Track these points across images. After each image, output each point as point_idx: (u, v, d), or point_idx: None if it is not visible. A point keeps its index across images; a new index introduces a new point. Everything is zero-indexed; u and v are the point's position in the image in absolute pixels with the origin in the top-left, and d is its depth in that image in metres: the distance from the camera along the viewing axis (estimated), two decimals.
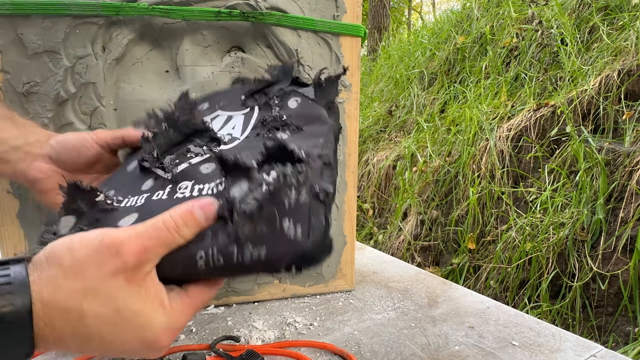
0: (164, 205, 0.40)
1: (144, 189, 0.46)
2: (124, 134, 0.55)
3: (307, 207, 0.38)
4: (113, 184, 0.50)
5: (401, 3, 12.10)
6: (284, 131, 0.49)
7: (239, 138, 0.50)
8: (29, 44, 0.61)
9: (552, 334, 0.67)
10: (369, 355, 0.62)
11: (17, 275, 0.29)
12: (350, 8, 0.73)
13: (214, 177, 0.44)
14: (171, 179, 0.46)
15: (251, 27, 0.69)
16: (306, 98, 0.53)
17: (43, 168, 0.53)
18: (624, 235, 1.35)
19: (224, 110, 0.58)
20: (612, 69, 1.74)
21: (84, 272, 0.31)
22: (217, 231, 0.37)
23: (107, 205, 0.42)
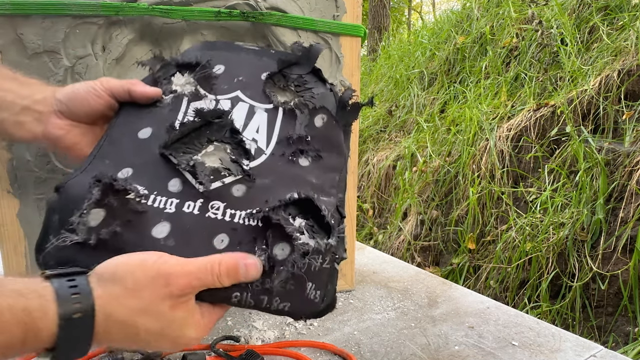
0: (198, 224, 0.46)
1: (172, 191, 0.47)
2: (130, 87, 0.53)
3: (327, 273, 0.46)
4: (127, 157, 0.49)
5: (401, 3, 12.10)
6: (306, 157, 0.53)
7: (265, 152, 0.52)
8: (29, 44, 0.61)
9: (552, 334, 0.67)
10: (368, 355, 0.62)
11: (83, 287, 0.36)
12: (350, 8, 0.73)
13: (245, 205, 0.48)
14: (203, 192, 0.47)
15: (251, 27, 0.69)
16: (331, 117, 0.55)
17: (60, 124, 0.52)
18: (624, 235, 1.35)
19: (244, 93, 0.55)
20: (612, 69, 1.74)
21: (142, 295, 0.37)
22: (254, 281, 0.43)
23: (138, 206, 0.44)
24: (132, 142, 0.51)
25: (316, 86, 0.57)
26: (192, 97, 0.53)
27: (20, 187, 0.65)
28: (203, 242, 0.45)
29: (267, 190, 0.49)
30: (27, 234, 0.66)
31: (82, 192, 0.44)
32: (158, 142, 0.49)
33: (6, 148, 0.63)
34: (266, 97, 0.55)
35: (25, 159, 0.64)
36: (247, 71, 0.57)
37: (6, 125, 0.51)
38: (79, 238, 0.41)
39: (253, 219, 0.46)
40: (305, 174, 0.52)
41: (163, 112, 0.53)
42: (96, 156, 0.49)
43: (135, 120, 0.52)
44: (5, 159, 0.64)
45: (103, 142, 0.51)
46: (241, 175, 0.49)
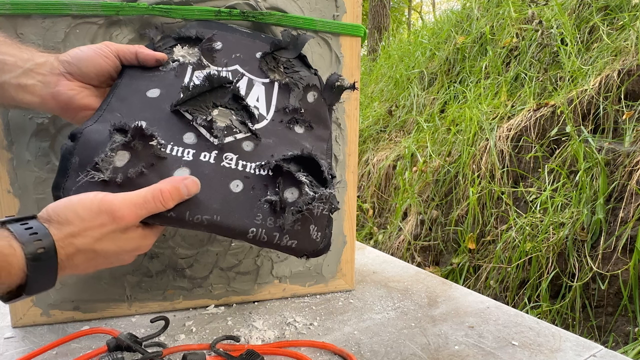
0: (214, 171, 0.52)
1: (187, 142, 0.52)
2: (137, 51, 0.55)
3: (325, 219, 0.54)
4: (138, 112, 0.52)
5: (401, 3, 12.10)
6: (300, 126, 0.60)
7: (266, 117, 0.58)
8: (29, 44, 0.61)
9: (552, 334, 0.67)
10: (369, 355, 0.62)
11: (38, 227, 0.40)
12: (350, 8, 0.73)
13: (254, 158, 0.54)
14: (218, 145, 0.53)
15: (251, 26, 0.69)
16: (321, 95, 0.63)
17: (70, 85, 0.53)
18: (624, 235, 1.35)
19: (243, 67, 0.61)
20: (612, 69, 1.74)
21: (92, 230, 0.43)
22: (268, 218, 0.51)
23: (160, 152, 0.49)
24: (141, 100, 0.54)
25: (302, 70, 0.64)
26: (196, 66, 0.58)
27: (20, 187, 0.65)
28: (221, 186, 0.52)
29: (272, 148, 0.56)
30: None
31: (101, 138, 0.48)
32: (168, 101, 0.54)
33: (6, 148, 0.63)
34: (262, 73, 0.61)
35: (25, 159, 0.64)
36: (243, 50, 0.62)
37: (8, 88, 0.51)
38: (105, 176, 0.46)
39: (263, 169, 0.54)
40: (301, 139, 0.59)
41: (169, 77, 0.57)
42: (106, 110, 0.52)
43: (141, 82, 0.55)
44: (5, 159, 0.64)
45: (110, 98, 0.54)
46: (249, 134, 0.55)
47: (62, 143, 0.49)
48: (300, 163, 0.54)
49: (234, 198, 0.52)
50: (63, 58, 0.53)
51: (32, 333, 0.67)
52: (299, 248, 0.53)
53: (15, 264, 0.38)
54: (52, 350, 0.62)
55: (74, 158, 0.47)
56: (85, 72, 0.54)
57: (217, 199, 0.51)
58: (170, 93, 0.55)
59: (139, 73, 0.56)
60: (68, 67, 0.53)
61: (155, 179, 0.48)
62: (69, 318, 0.70)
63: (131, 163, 0.48)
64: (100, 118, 0.51)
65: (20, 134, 0.63)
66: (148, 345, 0.62)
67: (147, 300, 0.73)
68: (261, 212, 0.51)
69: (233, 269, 0.76)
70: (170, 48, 0.58)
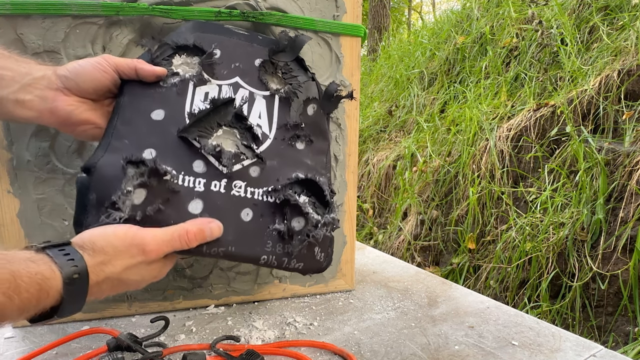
0: (226, 201, 0.54)
1: (197, 171, 0.54)
2: (137, 66, 0.55)
3: (328, 240, 0.60)
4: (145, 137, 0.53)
5: (401, 3, 12.10)
6: (301, 142, 0.62)
7: (269, 136, 0.60)
8: (29, 44, 0.61)
9: (552, 334, 0.67)
10: (369, 355, 0.62)
11: (74, 254, 0.43)
12: (350, 8, 0.73)
13: (261, 183, 0.57)
14: (227, 173, 0.55)
15: (251, 27, 0.69)
16: (320, 107, 0.65)
17: (68, 101, 0.53)
18: (624, 235, 1.35)
19: (243, 79, 0.61)
20: (612, 69, 1.74)
21: (122, 260, 0.46)
22: (277, 245, 0.56)
23: (174, 186, 0.52)
24: (146, 123, 0.54)
25: (300, 74, 0.64)
26: (197, 82, 0.58)
27: (20, 187, 0.65)
28: (233, 216, 0.55)
29: (276, 170, 0.59)
30: (27, 233, 0.66)
31: (115, 172, 0.49)
32: (173, 124, 0.54)
33: (6, 148, 0.63)
34: (262, 85, 0.62)
35: (25, 159, 0.64)
36: (242, 57, 0.62)
37: (6, 104, 0.51)
38: (125, 215, 0.48)
39: (270, 196, 0.57)
40: (302, 156, 0.62)
41: (171, 95, 0.56)
42: (113, 135, 0.53)
43: (144, 101, 0.55)
44: (5, 159, 0.64)
45: (116, 121, 0.53)
46: (255, 159, 0.57)
47: (77, 175, 0.51)
48: (303, 184, 0.59)
49: (245, 227, 0.55)
50: (61, 72, 0.53)
51: (32, 333, 0.67)
52: (305, 269, 0.58)
53: (54, 286, 0.40)
54: (52, 350, 0.62)
55: (91, 194, 0.49)
56: (83, 87, 0.53)
57: (230, 230, 0.54)
58: (175, 114, 0.55)
59: (140, 90, 0.56)
60: (66, 82, 0.53)
61: (172, 213, 0.51)
62: (69, 318, 0.70)
63: (148, 200, 0.50)
64: (110, 147, 0.52)
65: (20, 134, 0.63)
66: (148, 345, 0.62)
67: (147, 300, 0.73)
68: (271, 239, 0.56)
69: (233, 269, 0.76)
70: (168, 58, 0.58)
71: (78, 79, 0.53)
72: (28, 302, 0.39)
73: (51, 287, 0.40)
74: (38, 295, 0.39)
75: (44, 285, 0.40)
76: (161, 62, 0.57)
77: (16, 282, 0.38)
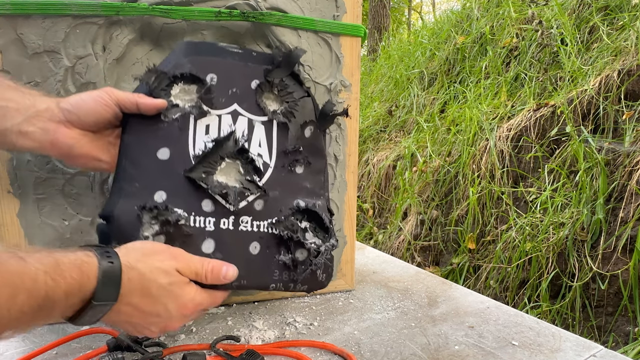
0: (235, 237, 0.58)
1: (206, 210, 0.57)
2: (138, 101, 0.55)
3: (330, 260, 0.64)
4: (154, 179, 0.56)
5: (401, 3, 12.10)
6: (300, 165, 0.65)
7: (270, 165, 0.63)
8: (29, 44, 0.61)
9: (552, 334, 0.67)
10: (369, 355, 0.62)
11: (111, 252, 0.46)
12: (350, 8, 0.73)
13: (265, 215, 0.61)
14: (234, 210, 0.58)
15: (251, 27, 0.69)
16: (317, 127, 0.67)
17: (70, 134, 0.54)
18: (624, 235, 1.35)
19: (241, 106, 0.62)
20: (612, 69, 1.74)
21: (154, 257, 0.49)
22: (283, 273, 0.61)
23: (187, 229, 0.56)
24: (153, 163, 0.57)
25: (296, 89, 0.66)
26: (197, 115, 0.59)
27: (20, 187, 0.65)
28: (242, 251, 0.59)
29: (278, 201, 0.62)
30: (27, 233, 0.66)
31: (132, 220, 0.53)
32: (180, 163, 0.57)
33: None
34: (260, 110, 0.63)
35: (25, 158, 0.64)
36: (239, 81, 0.63)
37: (10, 135, 0.52)
38: None
39: (275, 228, 0.61)
40: (301, 180, 0.65)
41: (173, 130, 0.58)
42: (124, 179, 0.56)
43: (149, 139, 0.57)
44: (5, 159, 0.64)
45: (124, 163, 0.56)
46: (259, 193, 0.60)
47: (98, 222, 0.55)
48: (304, 211, 0.63)
49: (254, 260, 0.60)
50: (64, 105, 0.54)
51: (32, 333, 0.67)
52: (309, 289, 0.64)
53: (92, 269, 0.43)
54: (52, 350, 0.62)
55: (113, 242, 0.52)
56: (84, 120, 0.54)
57: (241, 265, 0.57)
58: (179, 153, 0.58)
59: (144, 126, 0.57)
60: (68, 115, 0.54)
61: None
62: None
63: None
64: (123, 192, 0.55)
65: None
66: (148, 345, 0.62)
67: None
68: (277, 268, 0.61)
69: None
70: (166, 88, 0.58)
71: (80, 113, 0.54)
72: (72, 286, 0.41)
73: (90, 270, 0.43)
74: (80, 280, 0.42)
75: (84, 269, 0.42)
76: (160, 92, 0.58)
77: (60, 267, 0.40)
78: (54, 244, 0.67)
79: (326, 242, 0.63)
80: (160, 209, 0.54)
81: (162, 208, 0.54)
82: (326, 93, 0.75)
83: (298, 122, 0.65)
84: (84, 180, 0.67)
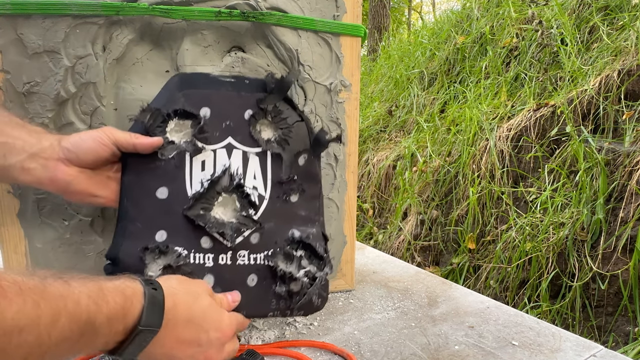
0: (233, 271, 0.61)
1: (205, 247, 0.60)
2: (135, 143, 0.58)
3: (325, 285, 0.66)
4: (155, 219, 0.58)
5: (401, 3, 12.10)
6: (295, 194, 0.66)
7: (265, 197, 0.64)
8: (29, 44, 0.61)
9: (552, 334, 0.67)
10: (369, 355, 0.62)
11: (155, 282, 0.48)
12: (350, 8, 0.73)
13: (261, 248, 0.63)
14: (231, 246, 0.60)
15: (251, 27, 0.69)
16: (310, 154, 0.68)
17: (69, 171, 0.56)
18: (624, 235, 1.35)
19: (235, 138, 0.63)
20: (612, 69, 1.74)
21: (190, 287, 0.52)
22: (280, 302, 0.63)
23: (187, 268, 0.58)
24: (153, 203, 0.59)
25: (289, 114, 0.67)
26: (192, 152, 0.61)
27: (20, 187, 0.65)
28: (241, 284, 0.61)
29: (274, 232, 0.64)
30: (27, 234, 0.66)
31: (135, 262, 0.56)
32: (178, 203, 0.59)
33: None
34: (254, 141, 0.65)
35: None
36: (232, 112, 0.64)
37: (13, 170, 0.54)
38: None
39: (270, 260, 0.63)
40: (296, 209, 0.66)
41: (170, 169, 0.60)
42: (126, 218, 0.58)
43: (147, 178, 0.60)
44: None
45: (126, 203, 0.59)
46: (255, 227, 0.62)
47: (104, 263, 0.58)
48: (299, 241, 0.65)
49: (252, 292, 0.62)
50: (64, 144, 0.56)
51: None
52: (305, 313, 0.66)
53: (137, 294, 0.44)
54: None
55: None
56: (83, 159, 0.56)
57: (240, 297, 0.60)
58: (177, 191, 0.60)
59: (142, 165, 0.59)
60: (67, 154, 0.56)
61: None
62: None
63: None
64: (126, 232, 0.58)
65: None
66: None
67: None
68: (274, 298, 0.63)
69: None
70: (161, 125, 0.60)
71: (79, 152, 0.56)
72: (115, 311, 0.41)
73: (134, 294, 0.44)
74: (124, 304, 0.42)
75: (127, 293, 0.43)
76: (155, 130, 0.59)
77: (103, 292, 0.41)
78: (53, 244, 0.67)
79: (321, 269, 0.64)
80: (162, 248, 0.57)
81: (163, 248, 0.57)
82: (326, 93, 0.75)
83: (292, 150, 0.66)
84: None
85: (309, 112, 0.74)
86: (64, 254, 0.68)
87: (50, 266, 0.68)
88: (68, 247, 0.68)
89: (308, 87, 0.73)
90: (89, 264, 0.69)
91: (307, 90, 0.73)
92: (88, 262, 0.69)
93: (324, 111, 0.75)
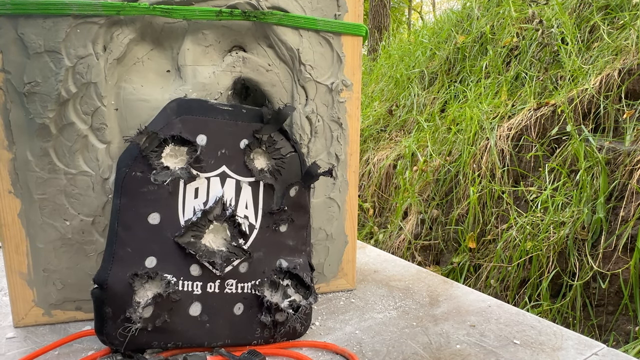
0: (220, 300, 0.61)
1: (194, 274, 0.60)
2: None
3: (309, 313, 0.67)
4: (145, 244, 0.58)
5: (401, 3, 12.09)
6: (284, 224, 0.68)
7: (255, 227, 0.65)
8: (30, 44, 0.61)
9: (553, 332, 0.67)
10: (370, 354, 0.62)
11: None
12: (351, 7, 0.73)
13: (249, 277, 0.64)
14: (220, 275, 0.61)
15: (252, 26, 0.69)
16: (302, 186, 0.69)
17: None
18: (625, 234, 1.35)
19: (229, 167, 0.64)
20: (612, 68, 1.74)
21: None
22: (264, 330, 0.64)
23: (175, 296, 0.58)
24: (144, 228, 0.59)
25: (284, 145, 0.68)
26: (187, 179, 0.61)
27: (21, 187, 0.65)
28: (227, 312, 0.62)
29: (262, 262, 0.65)
30: (28, 234, 0.66)
31: (124, 288, 0.56)
32: (170, 229, 0.59)
33: (7, 148, 0.63)
34: (248, 171, 0.66)
35: (27, 159, 0.64)
36: (228, 141, 0.65)
37: None
38: (139, 326, 0.55)
39: (257, 290, 0.64)
40: (285, 239, 0.68)
41: (163, 195, 0.60)
42: (117, 243, 0.58)
43: (140, 203, 0.60)
44: (6, 159, 0.64)
45: (116, 227, 0.59)
46: (244, 257, 0.63)
47: (92, 287, 0.57)
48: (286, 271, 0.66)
49: (238, 320, 0.63)
50: None
51: (34, 333, 0.67)
52: (288, 339, 0.66)
53: None
54: (54, 350, 0.62)
55: (107, 308, 0.56)
56: None
57: (226, 326, 0.61)
58: (169, 217, 0.60)
59: (135, 190, 0.59)
60: None
61: (176, 320, 0.58)
62: (70, 318, 0.70)
63: (156, 313, 0.57)
64: (115, 257, 0.58)
65: (21, 134, 0.63)
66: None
67: None
68: (259, 327, 0.63)
69: None
70: (157, 150, 0.60)
71: None
72: None
73: None
74: None
75: None
76: (150, 154, 0.60)
77: None
78: (55, 244, 0.67)
79: (306, 298, 0.65)
80: (151, 275, 0.57)
81: (152, 275, 0.57)
82: (328, 93, 0.75)
83: (284, 181, 0.67)
84: (85, 180, 0.67)
85: (310, 112, 0.74)
86: (66, 254, 0.68)
87: (51, 266, 0.68)
88: (69, 247, 0.68)
89: (309, 86, 0.73)
90: (90, 264, 0.69)
91: (308, 90, 0.73)
92: (89, 262, 0.69)
93: (325, 111, 0.75)
